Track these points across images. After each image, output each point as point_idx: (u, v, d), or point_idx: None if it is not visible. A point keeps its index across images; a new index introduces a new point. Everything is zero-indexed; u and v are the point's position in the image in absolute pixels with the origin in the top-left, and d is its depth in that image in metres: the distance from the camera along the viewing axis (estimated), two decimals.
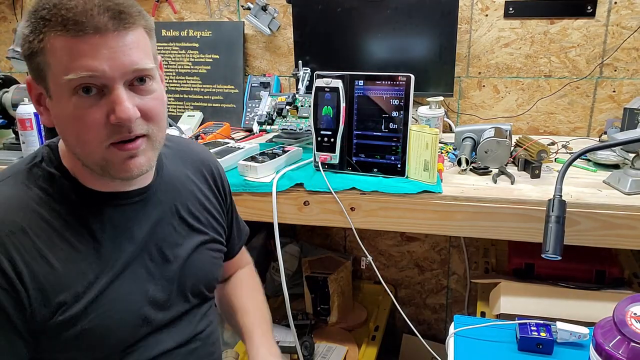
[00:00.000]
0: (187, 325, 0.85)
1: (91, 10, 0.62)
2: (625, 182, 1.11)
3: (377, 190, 1.18)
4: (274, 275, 1.90)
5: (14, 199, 0.68)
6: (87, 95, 0.65)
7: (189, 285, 0.84)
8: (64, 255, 0.69)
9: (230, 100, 1.89)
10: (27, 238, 0.66)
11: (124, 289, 0.74)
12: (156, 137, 0.72)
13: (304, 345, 1.55)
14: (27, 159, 0.74)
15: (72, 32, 0.62)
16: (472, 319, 0.96)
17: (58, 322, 0.68)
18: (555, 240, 0.94)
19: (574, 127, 1.68)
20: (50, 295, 0.67)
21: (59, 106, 0.66)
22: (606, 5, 1.55)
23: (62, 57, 0.63)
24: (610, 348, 0.68)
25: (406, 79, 1.19)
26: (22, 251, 0.65)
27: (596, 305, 1.15)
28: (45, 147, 0.75)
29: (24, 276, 0.65)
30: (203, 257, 0.88)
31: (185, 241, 0.84)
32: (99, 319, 0.71)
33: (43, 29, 0.63)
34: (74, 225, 0.70)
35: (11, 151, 1.50)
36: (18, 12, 2.10)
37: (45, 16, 0.63)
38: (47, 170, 0.72)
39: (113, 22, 0.64)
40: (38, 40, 0.64)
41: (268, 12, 1.77)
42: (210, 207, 0.91)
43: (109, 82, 0.65)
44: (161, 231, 0.80)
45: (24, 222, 0.66)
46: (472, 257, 1.86)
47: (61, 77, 0.64)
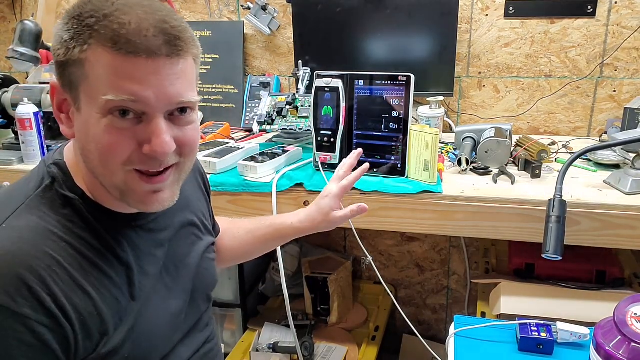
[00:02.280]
0: (197, 334, 0.84)
1: (146, 30, 0.58)
2: (626, 182, 1.11)
3: (377, 190, 1.18)
4: (274, 276, 1.90)
5: (37, 230, 0.62)
6: (122, 118, 0.60)
7: (199, 293, 0.83)
8: (97, 282, 0.64)
9: (230, 100, 1.89)
10: (62, 269, 0.61)
11: (154, 311, 0.72)
12: (185, 167, 0.68)
13: (304, 346, 1.55)
14: (35, 182, 0.67)
15: (122, 51, 0.57)
16: (472, 319, 0.96)
17: (101, 354, 0.64)
18: (556, 240, 0.94)
19: (574, 127, 1.68)
20: (92, 327, 0.63)
21: (88, 122, 0.61)
22: (606, 5, 1.55)
23: (104, 74, 0.58)
24: (611, 348, 0.68)
25: (406, 79, 1.19)
26: (60, 284, 0.60)
27: (596, 305, 1.15)
28: (52, 167, 0.67)
29: (68, 311, 0.60)
30: (207, 264, 0.87)
31: (192, 250, 0.83)
32: (137, 345, 0.68)
33: (88, 40, 0.58)
34: (100, 250, 0.66)
35: (11, 151, 1.50)
36: (18, 12, 2.10)
37: (94, 26, 0.58)
38: (62, 194, 0.65)
39: (167, 47, 0.59)
40: (80, 49, 0.58)
41: (268, 12, 1.77)
42: (205, 210, 0.91)
43: (150, 111, 0.60)
44: (175, 245, 0.79)
45: (54, 252, 0.61)
46: (473, 257, 1.85)
47: (99, 94, 0.59)
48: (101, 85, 0.59)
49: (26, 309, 0.57)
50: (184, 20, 0.64)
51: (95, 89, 0.59)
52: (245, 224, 1.02)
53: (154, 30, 0.58)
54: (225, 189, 1.25)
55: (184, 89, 0.62)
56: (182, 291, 0.79)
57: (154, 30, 0.58)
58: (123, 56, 0.57)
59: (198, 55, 0.66)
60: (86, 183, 0.67)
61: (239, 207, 1.26)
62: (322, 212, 0.95)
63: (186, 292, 0.80)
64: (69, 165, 0.68)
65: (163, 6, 0.62)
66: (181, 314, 0.79)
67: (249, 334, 1.72)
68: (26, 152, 1.42)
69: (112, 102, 0.58)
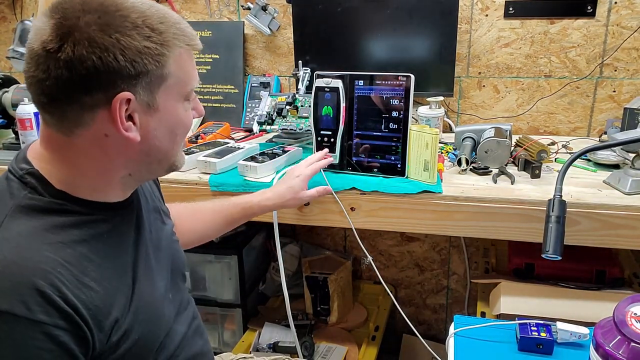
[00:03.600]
0: (185, 311, 0.88)
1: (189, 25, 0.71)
2: (626, 182, 1.11)
3: (377, 190, 1.18)
4: (274, 275, 1.90)
5: (33, 235, 0.63)
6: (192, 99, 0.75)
7: (177, 272, 0.88)
8: (97, 276, 0.66)
9: (230, 100, 1.89)
10: (66, 270, 0.62)
11: (149, 292, 0.75)
12: None
13: (304, 345, 1.55)
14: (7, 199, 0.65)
15: (191, 45, 0.70)
16: (472, 319, 0.96)
17: (113, 343, 0.67)
18: (556, 240, 0.94)
19: (574, 127, 1.68)
20: (103, 319, 0.65)
21: (175, 112, 0.71)
22: (606, 5, 1.55)
23: (186, 68, 0.70)
24: (611, 348, 0.68)
25: (406, 79, 1.19)
26: (68, 285, 0.62)
27: (596, 305, 1.15)
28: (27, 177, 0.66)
29: (80, 309, 0.62)
30: (177, 244, 0.91)
31: (162, 233, 0.86)
32: (144, 326, 0.72)
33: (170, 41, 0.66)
34: (92, 244, 0.68)
35: (11, 151, 1.50)
36: (18, 12, 2.10)
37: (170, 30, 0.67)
38: (46, 199, 0.66)
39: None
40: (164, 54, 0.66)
41: (268, 12, 1.77)
42: (159, 196, 0.93)
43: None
44: (149, 227, 0.82)
45: (54, 254, 0.62)
46: (472, 257, 1.86)
47: (186, 86, 0.71)
48: (187, 78, 0.71)
49: (41, 315, 0.58)
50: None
51: (181, 83, 0.70)
52: (209, 205, 1.11)
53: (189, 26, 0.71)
54: (225, 189, 1.25)
55: None
56: (165, 272, 0.83)
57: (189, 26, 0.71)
58: (192, 49, 0.71)
59: None
60: (68, 184, 0.68)
61: None
62: (292, 190, 1.10)
63: (167, 272, 0.84)
64: (43, 172, 0.67)
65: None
66: (168, 293, 0.82)
67: (249, 334, 1.72)
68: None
69: (194, 89, 0.74)
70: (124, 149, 0.68)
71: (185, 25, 0.69)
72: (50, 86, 0.62)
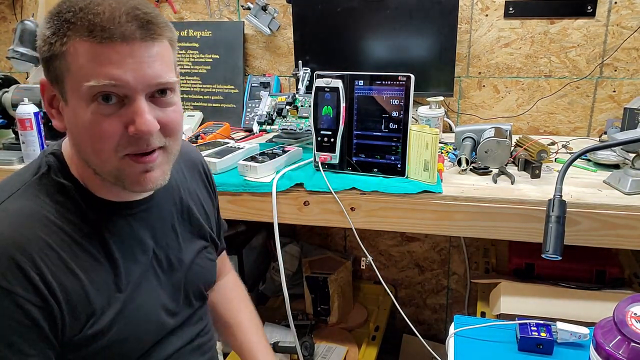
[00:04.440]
0: (191, 326, 0.86)
1: (119, 17, 0.61)
2: (626, 182, 1.11)
3: (377, 190, 1.18)
4: (274, 275, 1.90)
5: (31, 213, 0.66)
6: (106, 104, 0.63)
7: (192, 290, 0.85)
8: (87, 266, 0.68)
9: (230, 100, 1.89)
10: (52, 251, 0.65)
11: (142, 299, 0.74)
12: (172, 149, 0.71)
13: (304, 346, 1.55)
14: (32, 170, 0.71)
15: (98, 38, 0.61)
16: (472, 319, 0.96)
17: (86, 336, 0.67)
18: (556, 240, 0.94)
19: (574, 127, 1.68)
20: (80, 309, 0.66)
21: (75, 112, 0.64)
22: (606, 5, 1.55)
23: (84, 63, 0.61)
24: (611, 348, 0.68)
25: (406, 79, 1.19)
26: (50, 265, 0.64)
27: (596, 305, 1.15)
28: (49, 156, 0.72)
29: (56, 291, 0.63)
30: (204, 262, 0.88)
31: (187, 247, 0.84)
32: (124, 331, 0.71)
33: (67, 32, 0.62)
34: (92, 236, 0.69)
35: (11, 151, 1.50)
36: (18, 12, 2.10)
37: (71, 19, 0.61)
38: (57, 181, 0.69)
39: (140, 31, 0.62)
40: (61, 43, 0.62)
41: (268, 12, 1.77)
42: (207, 207, 0.92)
43: (131, 93, 0.63)
44: (167, 238, 0.80)
45: (46, 235, 0.65)
46: (472, 257, 1.86)
47: (82, 82, 0.62)
48: (83, 74, 0.62)
49: (17, 288, 0.61)
50: (156, 8, 0.67)
51: (78, 78, 0.62)
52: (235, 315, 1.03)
53: (126, 17, 0.62)
54: (225, 189, 1.25)
55: (161, 71, 0.65)
56: (173, 283, 0.81)
57: (126, 17, 0.62)
58: (99, 43, 0.61)
59: (173, 38, 0.69)
60: (79, 173, 0.71)
61: (239, 207, 1.26)
62: None
63: (177, 285, 0.82)
64: (65, 156, 0.71)
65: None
66: (173, 306, 0.80)
67: None
68: (26, 152, 1.42)
69: (94, 87, 0.62)
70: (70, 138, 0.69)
71: (93, 15, 0.61)
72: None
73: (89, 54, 0.61)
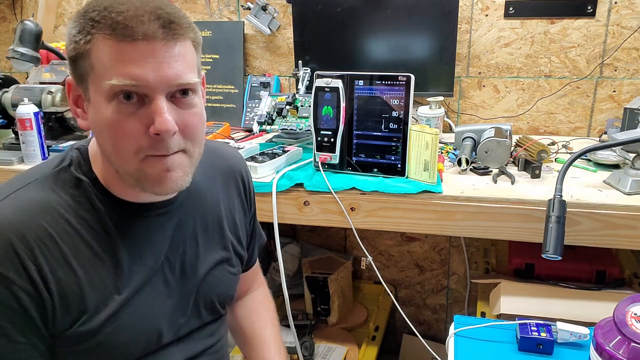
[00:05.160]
0: (198, 341, 0.83)
1: (142, 16, 0.61)
2: (626, 182, 1.11)
3: (377, 190, 1.18)
4: (274, 275, 1.90)
5: (40, 204, 0.66)
6: (127, 102, 0.63)
7: (204, 302, 0.82)
8: (87, 263, 0.67)
9: (230, 100, 1.89)
10: (53, 243, 0.65)
11: (143, 304, 0.72)
12: (193, 153, 0.70)
13: (304, 345, 1.55)
14: (55, 162, 0.72)
15: (120, 37, 0.61)
16: (472, 319, 0.96)
17: (76, 332, 0.66)
18: (556, 240, 0.94)
19: (574, 127, 1.68)
20: (72, 304, 0.66)
21: (98, 110, 0.64)
22: (606, 5, 1.55)
23: (107, 61, 0.62)
24: (611, 348, 0.68)
25: (406, 79, 1.19)
26: (48, 257, 0.64)
27: (596, 305, 1.15)
28: (74, 151, 0.72)
29: (50, 282, 0.63)
30: (221, 274, 0.85)
31: (206, 256, 0.82)
32: (117, 334, 0.69)
33: (91, 30, 0.62)
34: (100, 234, 0.69)
35: (11, 151, 1.50)
36: (18, 12, 2.10)
37: (95, 18, 0.62)
38: (75, 175, 0.70)
39: (163, 30, 0.62)
40: (85, 41, 0.63)
41: (268, 12, 1.77)
42: (238, 220, 0.89)
43: (150, 92, 0.63)
44: (184, 244, 0.78)
45: (50, 226, 0.65)
46: (472, 257, 1.86)
47: (103, 81, 0.62)
48: (105, 72, 0.62)
49: (11, 273, 0.61)
50: (180, 9, 0.67)
51: (100, 76, 0.63)
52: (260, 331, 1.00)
53: (149, 16, 0.61)
54: None
55: (182, 71, 0.64)
56: (183, 292, 0.78)
57: (149, 16, 0.61)
58: (121, 42, 0.61)
59: (197, 39, 0.68)
60: (101, 170, 0.71)
61: None
62: None
63: (187, 295, 0.79)
64: (90, 152, 0.72)
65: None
66: (178, 315, 0.78)
67: None
68: (26, 152, 1.42)
69: (115, 86, 0.62)
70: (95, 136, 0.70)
71: (118, 14, 0.61)
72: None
73: (111, 52, 0.61)
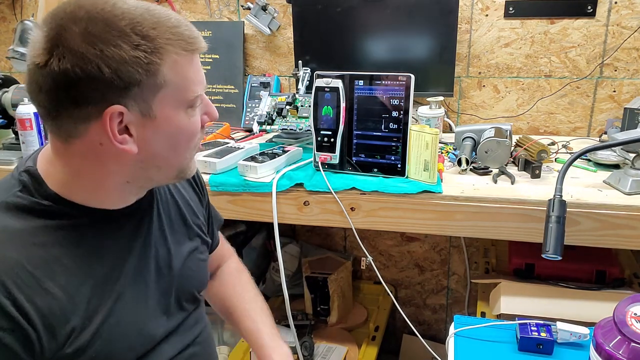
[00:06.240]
0: (185, 332, 0.84)
1: (191, 27, 0.67)
2: (626, 182, 1.11)
3: (377, 190, 1.18)
4: (274, 276, 1.90)
5: (6, 233, 0.63)
6: (199, 105, 0.70)
7: (184, 295, 0.83)
8: (64, 282, 0.65)
9: (230, 100, 1.89)
10: (25, 272, 0.61)
11: (128, 309, 0.72)
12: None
13: (304, 345, 1.55)
14: (8, 191, 0.67)
15: (190, 49, 0.66)
16: (472, 319, 0.96)
17: (67, 353, 0.64)
18: (556, 240, 0.94)
19: (574, 127, 1.68)
20: (57, 327, 0.63)
21: (171, 123, 0.67)
22: (606, 5, 1.55)
23: (185, 73, 0.66)
24: (611, 348, 0.68)
25: (406, 79, 1.19)
26: (23, 287, 0.60)
27: (596, 305, 1.15)
28: (23, 174, 0.68)
29: (29, 313, 0.60)
30: (195, 264, 0.86)
31: (177, 251, 0.82)
32: (107, 344, 0.68)
33: (162, 47, 0.63)
34: (72, 250, 0.67)
35: (11, 151, 1.50)
36: (18, 12, 2.10)
37: (162, 35, 0.63)
38: (32, 200, 0.66)
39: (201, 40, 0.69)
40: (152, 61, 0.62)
41: (268, 12, 1.77)
42: (196, 208, 0.90)
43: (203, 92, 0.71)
44: (155, 244, 0.78)
45: (20, 255, 0.62)
46: (472, 257, 1.86)
47: (186, 92, 0.67)
48: (187, 83, 0.67)
49: None
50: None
51: (179, 89, 0.66)
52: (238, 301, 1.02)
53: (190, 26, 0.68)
54: (225, 189, 1.25)
55: None
56: (163, 290, 0.79)
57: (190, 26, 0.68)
58: (192, 52, 0.67)
59: None
60: (61, 186, 0.68)
61: (239, 207, 1.26)
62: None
63: (168, 291, 0.80)
64: (41, 172, 0.68)
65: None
66: (162, 313, 0.78)
67: None
68: (26, 152, 1.42)
69: (200, 94, 0.69)
70: (120, 158, 0.67)
71: (184, 29, 0.65)
72: (43, 99, 0.63)
73: (186, 64, 0.66)
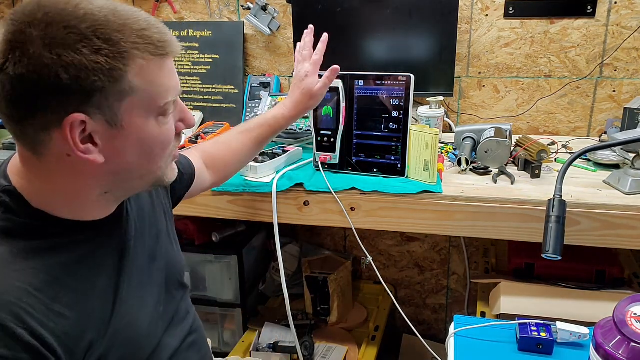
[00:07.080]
0: (180, 323, 0.86)
1: (163, 29, 0.63)
2: (626, 182, 1.11)
3: (377, 190, 1.18)
4: (274, 275, 1.90)
5: (5, 262, 0.60)
6: (172, 111, 0.67)
7: (172, 281, 0.85)
8: (71, 301, 0.63)
9: (230, 100, 1.89)
10: (33, 298, 0.59)
11: (133, 311, 0.72)
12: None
13: (304, 345, 1.55)
14: None
15: (160, 53, 0.62)
16: (472, 319, 0.96)
17: None
18: (556, 240, 0.94)
19: (574, 127, 1.68)
20: (74, 347, 0.62)
21: (141, 130, 0.63)
22: (606, 5, 1.55)
23: (154, 79, 0.62)
24: (611, 348, 0.68)
25: (406, 79, 1.19)
26: (34, 315, 0.58)
27: (596, 305, 1.15)
28: (3, 195, 0.63)
29: (47, 339, 0.58)
30: (171, 250, 0.87)
31: (158, 243, 0.83)
32: (122, 349, 0.69)
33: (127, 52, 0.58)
34: (70, 268, 0.64)
35: (11, 151, 1.50)
36: None
37: (127, 38, 0.58)
38: (20, 222, 0.62)
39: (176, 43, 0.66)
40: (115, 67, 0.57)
41: (268, 12, 1.77)
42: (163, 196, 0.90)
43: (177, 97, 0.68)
44: (143, 237, 0.79)
45: (22, 282, 0.59)
46: (472, 257, 1.86)
47: (158, 99, 0.63)
48: (157, 89, 0.63)
49: (2, 349, 0.55)
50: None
51: (149, 97, 0.62)
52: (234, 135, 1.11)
53: (163, 28, 0.64)
54: (225, 189, 1.25)
55: None
56: (156, 284, 0.80)
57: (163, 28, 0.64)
58: (163, 57, 0.62)
59: None
60: (45, 203, 0.64)
61: (239, 207, 1.26)
62: (307, 93, 1.10)
63: (160, 285, 0.81)
64: (20, 190, 0.64)
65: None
66: (159, 307, 0.80)
67: (249, 334, 1.72)
68: None
69: (171, 101, 0.65)
70: (90, 169, 0.63)
71: (153, 32, 0.61)
72: (3, 106, 0.59)
73: (155, 69, 0.62)
